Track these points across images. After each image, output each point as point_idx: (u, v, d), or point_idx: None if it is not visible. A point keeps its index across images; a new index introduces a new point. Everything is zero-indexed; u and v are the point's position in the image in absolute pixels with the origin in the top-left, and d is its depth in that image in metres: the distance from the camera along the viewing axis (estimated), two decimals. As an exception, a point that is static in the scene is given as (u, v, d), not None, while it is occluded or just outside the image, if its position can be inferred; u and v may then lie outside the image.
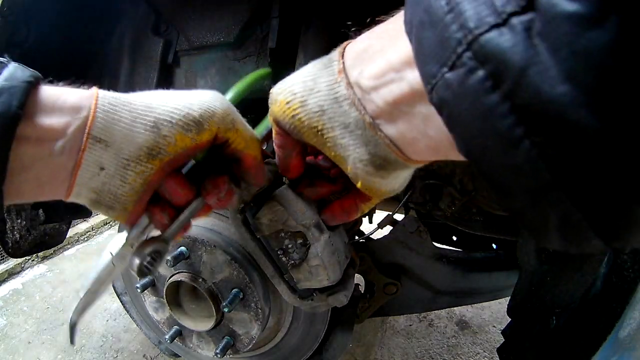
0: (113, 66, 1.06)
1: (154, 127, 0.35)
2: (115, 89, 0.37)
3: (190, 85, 1.05)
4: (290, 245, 0.66)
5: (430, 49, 0.23)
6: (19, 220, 1.02)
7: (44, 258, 2.34)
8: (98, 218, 2.74)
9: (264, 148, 0.47)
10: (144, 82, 1.03)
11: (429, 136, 0.28)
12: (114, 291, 1.18)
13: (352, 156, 0.34)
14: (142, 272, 0.40)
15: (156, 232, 0.42)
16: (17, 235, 1.03)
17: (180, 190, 0.40)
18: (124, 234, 0.40)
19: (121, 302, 1.19)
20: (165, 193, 0.40)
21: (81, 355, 1.68)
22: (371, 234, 0.96)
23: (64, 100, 0.34)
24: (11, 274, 2.17)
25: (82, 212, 1.20)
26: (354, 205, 0.45)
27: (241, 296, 0.79)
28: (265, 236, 0.65)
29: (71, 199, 0.36)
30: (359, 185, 0.36)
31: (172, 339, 0.90)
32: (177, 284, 0.84)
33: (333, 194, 0.50)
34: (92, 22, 0.99)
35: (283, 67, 0.94)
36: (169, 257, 0.77)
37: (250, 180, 0.44)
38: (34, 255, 2.28)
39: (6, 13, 0.80)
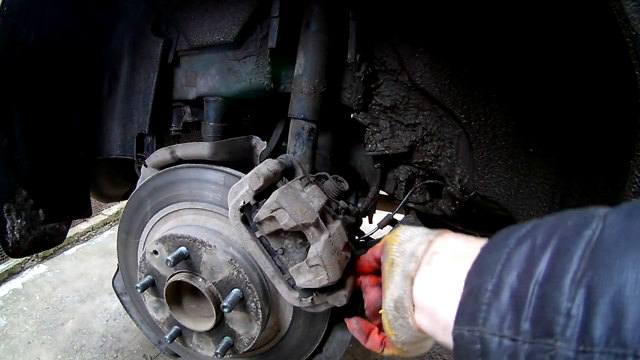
0: (113, 66, 1.06)
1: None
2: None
3: (190, 85, 1.05)
4: (290, 245, 0.66)
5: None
6: (19, 220, 1.02)
7: (44, 258, 2.35)
8: (98, 218, 2.75)
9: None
10: (144, 81, 1.03)
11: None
12: (114, 291, 1.18)
13: (390, 289, 0.49)
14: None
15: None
16: (17, 235, 1.03)
17: None
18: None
19: (121, 302, 1.19)
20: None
21: (81, 355, 1.68)
22: (371, 234, 0.96)
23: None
24: (11, 274, 2.17)
25: (82, 212, 1.20)
26: (379, 341, 0.57)
27: (241, 296, 0.79)
28: (265, 236, 0.65)
29: None
30: (384, 321, 0.50)
31: (172, 339, 0.89)
32: (177, 284, 0.84)
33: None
34: (92, 22, 0.99)
35: (283, 66, 0.94)
36: (169, 257, 0.77)
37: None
38: (34, 255, 2.28)
39: (6, 13, 0.80)
